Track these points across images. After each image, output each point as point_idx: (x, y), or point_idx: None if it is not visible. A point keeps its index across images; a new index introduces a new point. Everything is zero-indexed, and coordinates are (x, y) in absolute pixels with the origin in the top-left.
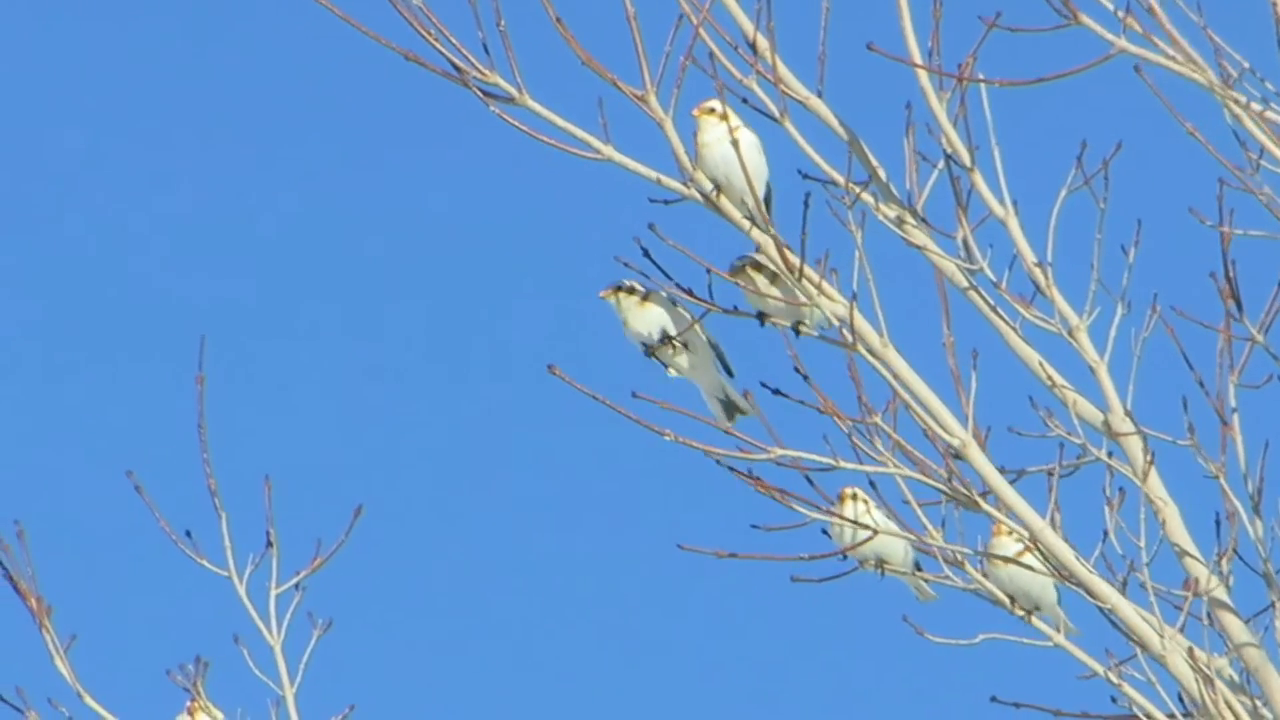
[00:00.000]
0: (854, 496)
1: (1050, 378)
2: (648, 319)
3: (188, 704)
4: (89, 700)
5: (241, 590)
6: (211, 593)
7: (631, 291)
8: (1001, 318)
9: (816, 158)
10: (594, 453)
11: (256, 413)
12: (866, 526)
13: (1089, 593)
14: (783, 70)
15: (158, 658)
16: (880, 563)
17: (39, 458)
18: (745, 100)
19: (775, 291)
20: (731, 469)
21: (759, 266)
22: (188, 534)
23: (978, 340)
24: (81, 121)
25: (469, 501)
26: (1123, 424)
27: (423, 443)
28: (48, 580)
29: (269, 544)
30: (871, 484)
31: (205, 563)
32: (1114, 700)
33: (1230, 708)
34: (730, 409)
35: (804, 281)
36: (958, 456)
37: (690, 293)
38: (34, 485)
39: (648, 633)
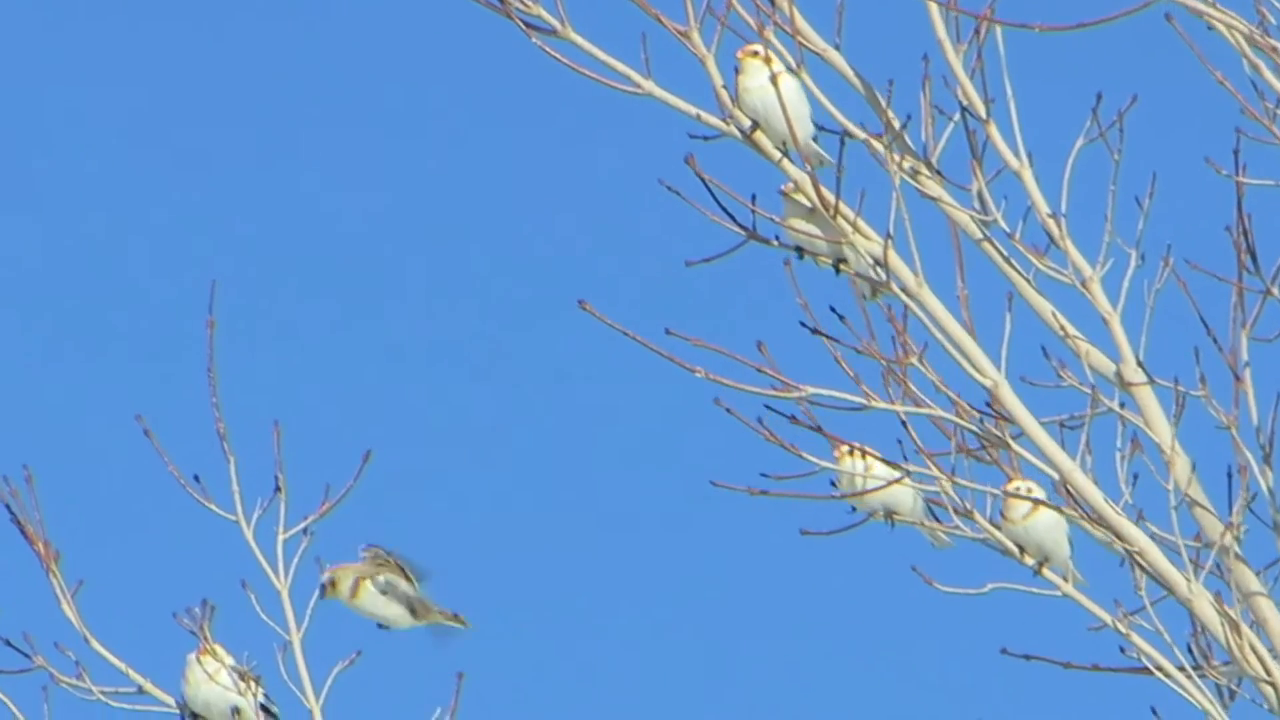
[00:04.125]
0: (852, 452)
1: (1063, 328)
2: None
3: (198, 648)
4: (96, 645)
5: (249, 535)
6: (219, 537)
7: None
8: (1015, 269)
9: (834, 110)
10: (624, 389)
11: (266, 357)
12: (892, 466)
13: (1118, 535)
14: (800, 22)
15: (165, 602)
16: (889, 513)
17: (46, 402)
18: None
19: (813, 227)
20: (757, 413)
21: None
22: (195, 478)
23: (991, 292)
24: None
25: (486, 440)
26: (1135, 374)
27: (436, 382)
28: (55, 525)
29: (277, 489)
30: (903, 423)
31: (213, 507)
32: (1123, 651)
33: (1256, 653)
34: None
35: (839, 219)
36: (972, 408)
37: (734, 219)
38: (41, 430)
39: (667, 574)
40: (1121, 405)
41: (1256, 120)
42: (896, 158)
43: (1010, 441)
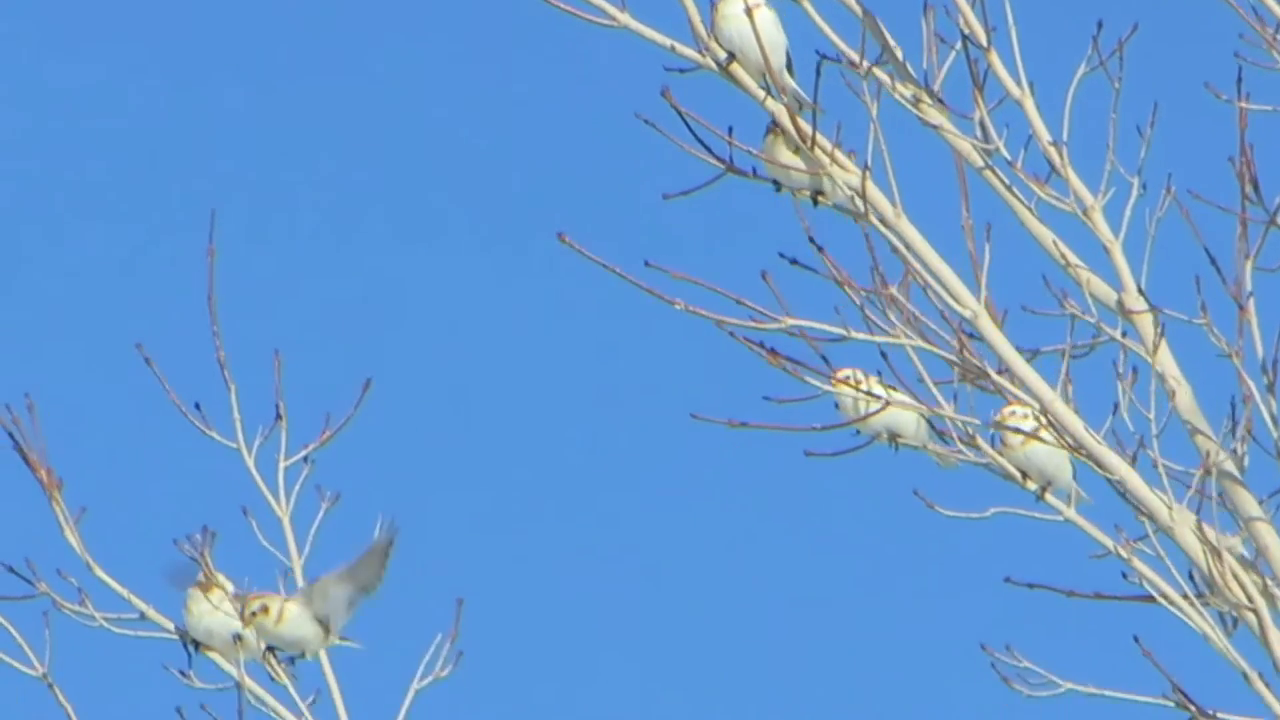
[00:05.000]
0: (851, 378)
1: (1064, 256)
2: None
3: (199, 576)
4: (99, 571)
5: (250, 462)
6: (220, 465)
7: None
8: (1017, 197)
9: (832, 34)
10: (605, 322)
11: (266, 285)
12: (877, 398)
13: (1098, 464)
14: None
15: (167, 529)
16: (893, 436)
17: (47, 331)
18: None
19: (797, 161)
20: (744, 340)
21: (781, 131)
22: (196, 406)
23: (991, 223)
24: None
25: (477, 373)
26: (1136, 302)
27: (432, 315)
28: (57, 453)
29: (278, 417)
30: (883, 354)
31: (214, 434)
32: (1125, 577)
33: (1238, 579)
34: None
35: (817, 150)
36: (971, 336)
37: (710, 151)
38: (43, 359)
39: (657, 507)
40: (1124, 334)
41: (1260, 41)
42: (890, 82)
43: (990, 372)
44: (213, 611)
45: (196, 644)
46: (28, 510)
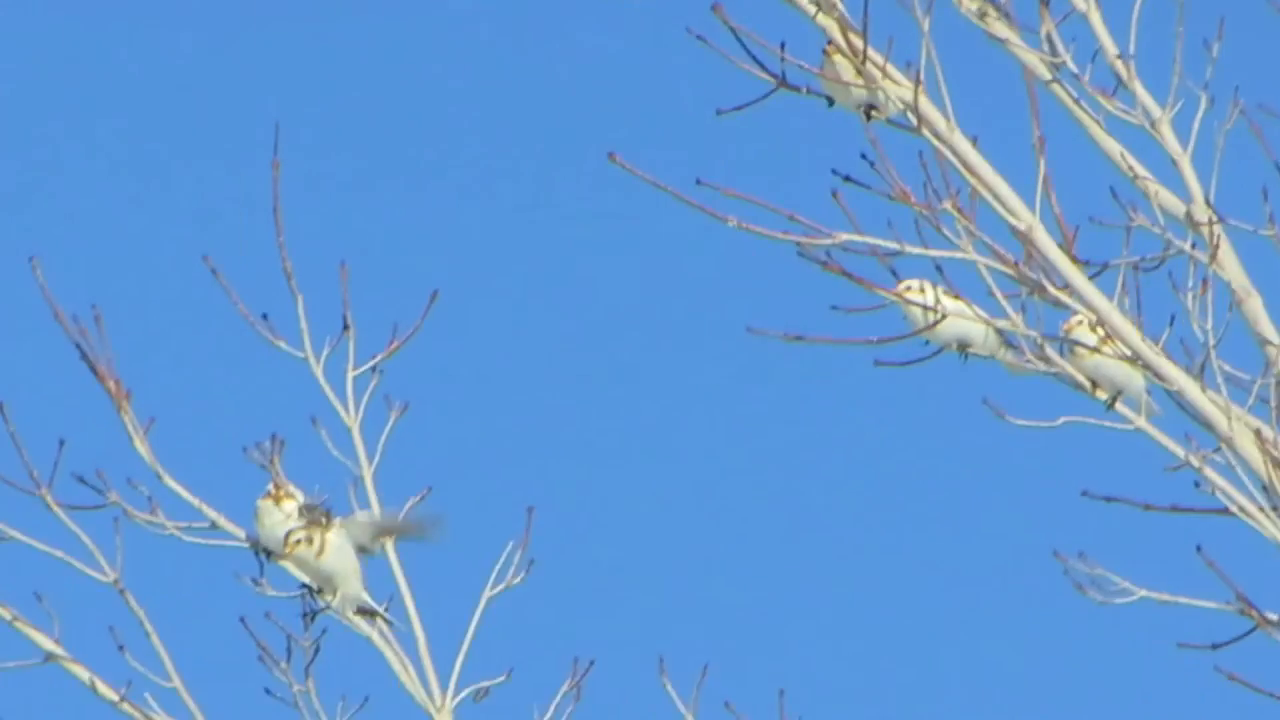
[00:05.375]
0: (921, 288)
1: (1132, 168)
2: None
3: (269, 484)
4: (168, 480)
5: (318, 371)
6: (288, 376)
7: (311, 542)
8: (1085, 110)
9: None
10: (656, 241)
11: (332, 198)
12: (936, 309)
13: (1156, 375)
14: None
15: (235, 439)
16: (962, 345)
17: (115, 243)
18: None
19: (856, 79)
20: (806, 253)
21: (838, 50)
22: (264, 316)
23: (1057, 141)
24: None
25: (539, 286)
26: (1204, 214)
27: (494, 230)
28: (125, 365)
29: (345, 327)
30: (938, 269)
31: (283, 344)
32: (1197, 486)
33: None
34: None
35: (868, 65)
36: (1027, 246)
37: (763, 67)
38: (110, 270)
39: (717, 421)
40: (1193, 245)
41: None
42: (928, 3)
43: (1047, 283)
44: (284, 522)
45: (268, 553)
46: (97, 421)
